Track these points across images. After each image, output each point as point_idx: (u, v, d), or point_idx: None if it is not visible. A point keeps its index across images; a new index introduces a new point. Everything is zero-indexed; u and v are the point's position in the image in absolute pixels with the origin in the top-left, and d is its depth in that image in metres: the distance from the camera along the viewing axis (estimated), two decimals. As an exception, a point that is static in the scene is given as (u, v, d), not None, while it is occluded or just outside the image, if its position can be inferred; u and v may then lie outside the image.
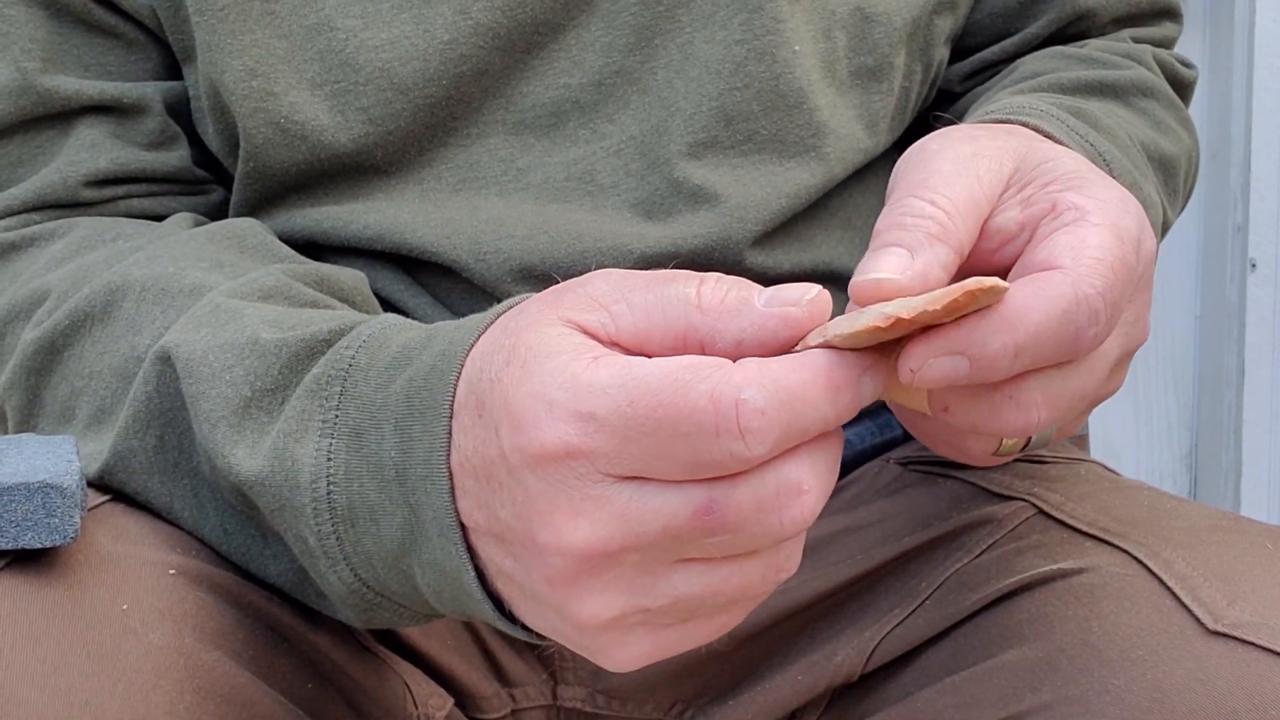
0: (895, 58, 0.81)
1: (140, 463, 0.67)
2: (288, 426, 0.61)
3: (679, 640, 0.55)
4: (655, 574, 0.53)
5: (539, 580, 0.53)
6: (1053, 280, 0.56)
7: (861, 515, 0.79)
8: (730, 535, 0.51)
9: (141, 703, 0.58)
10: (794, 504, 0.51)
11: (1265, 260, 1.44)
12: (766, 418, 0.50)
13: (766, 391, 0.50)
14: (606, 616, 0.53)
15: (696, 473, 0.51)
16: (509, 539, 0.54)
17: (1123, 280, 0.58)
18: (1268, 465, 1.45)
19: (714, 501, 0.51)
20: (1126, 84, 0.81)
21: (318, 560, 0.61)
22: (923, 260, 0.57)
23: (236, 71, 0.76)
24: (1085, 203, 0.59)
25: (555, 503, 0.52)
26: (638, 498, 0.51)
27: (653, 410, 0.50)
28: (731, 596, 0.53)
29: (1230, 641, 0.62)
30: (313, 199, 0.79)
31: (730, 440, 0.50)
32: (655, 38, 0.78)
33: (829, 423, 0.52)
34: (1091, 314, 0.57)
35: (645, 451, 0.51)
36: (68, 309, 0.71)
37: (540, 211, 0.77)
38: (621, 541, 0.51)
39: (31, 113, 0.79)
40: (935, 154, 0.61)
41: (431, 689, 0.76)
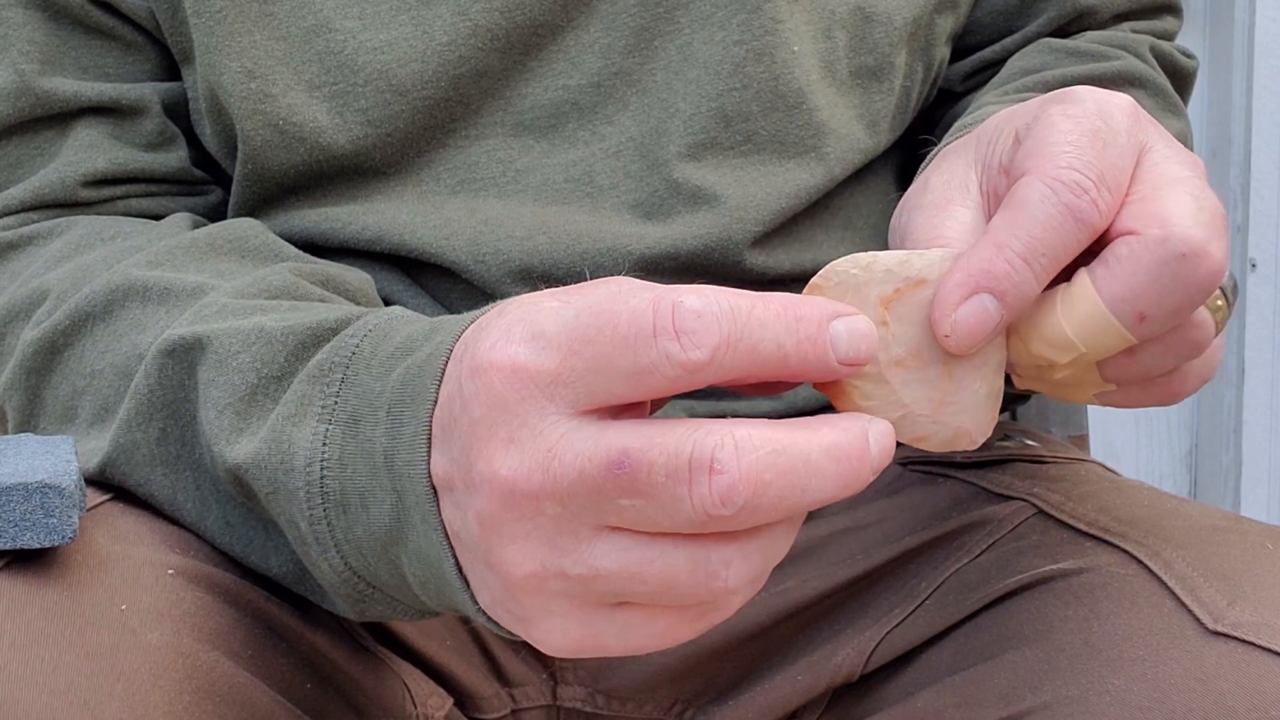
0: (896, 57, 0.81)
1: (143, 455, 0.67)
2: (287, 410, 0.61)
3: (611, 632, 0.52)
4: (577, 535, 0.51)
5: (473, 522, 0.52)
6: (1022, 183, 0.55)
7: (861, 515, 0.79)
8: (640, 501, 0.49)
9: (140, 703, 0.58)
10: (703, 480, 0.48)
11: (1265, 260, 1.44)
12: (703, 320, 0.48)
13: (706, 298, 0.49)
14: (527, 570, 0.51)
15: (638, 384, 0.49)
16: (456, 482, 0.53)
17: (1099, 141, 0.56)
18: (1268, 465, 1.45)
19: (626, 454, 0.49)
20: (1112, 75, 0.81)
21: (310, 547, 0.61)
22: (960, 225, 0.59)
23: (234, 73, 0.76)
24: (1030, 120, 0.58)
25: (494, 428, 0.51)
26: (566, 440, 0.50)
27: (595, 318, 0.49)
28: (654, 588, 0.51)
29: (1230, 641, 0.62)
30: (311, 200, 0.79)
31: (666, 341, 0.48)
32: (654, 39, 0.78)
33: (787, 353, 0.49)
34: (1073, 186, 0.55)
35: (587, 365, 0.49)
36: (68, 309, 0.71)
37: (539, 213, 0.77)
38: (540, 481, 0.50)
39: (30, 114, 0.79)
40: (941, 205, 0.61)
41: (431, 689, 0.76)
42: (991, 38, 0.88)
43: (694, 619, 0.52)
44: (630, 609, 0.52)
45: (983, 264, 0.54)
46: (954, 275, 0.54)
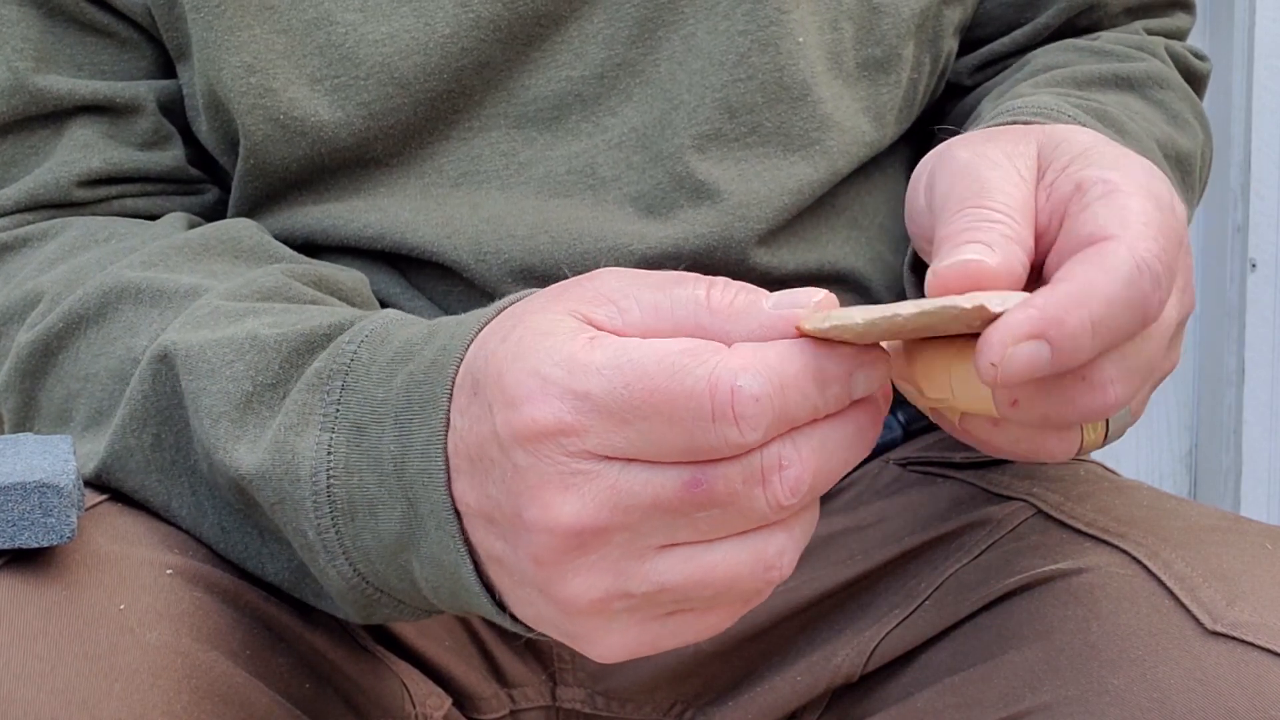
0: (903, 49, 0.80)
1: (137, 461, 0.67)
2: (288, 420, 0.61)
3: (666, 635, 0.54)
4: (642, 557, 0.52)
5: (526, 559, 0.53)
6: (1109, 249, 0.55)
7: (861, 516, 0.79)
8: (719, 510, 0.51)
9: (138, 702, 0.57)
10: (774, 477, 0.51)
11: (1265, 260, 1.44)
12: (760, 405, 0.50)
13: (762, 379, 0.50)
14: (590, 598, 0.53)
15: (690, 456, 0.51)
16: (498, 519, 0.54)
17: (1171, 242, 0.57)
18: (1268, 465, 1.45)
19: (701, 471, 0.51)
20: (1141, 76, 0.81)
21: (317, 555, 0.61)
22: (1003, 252, 0.57)
23: (234, 68, 0.76)
24: (1112, 175, 0.58)
25: (545, 478, 0.52)
26: (627, 474, 0.51)
27: (649, 395, 0.50)
28: (718, 589, 0.53)
29: (1230, 641, 0.62)
30: (313, 195, 0.79)
31: (726, 426, 0.50)
32: (658, 29, 0.77)
33: (817, 412, 0.52)
34: (1154, 277, 0.55)
35: (639, 434, 0.51)
36: (61, 311, 0.71)
37: (541, 208, 0.77)
38: (610, 518, 0.51)
39: (24, 113, 0.79)
40: (972, 163, 0.60)
41: (429, 689, 0.76)
42: (1001, 30, 0.87)
43: (740, 608, 0.55)
44: (684, 614, 0.54)
45: (1059, 313, 0.53)
46: (1027, 311, 0.53)
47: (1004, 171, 0.60)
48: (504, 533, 0.54)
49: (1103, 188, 0.58)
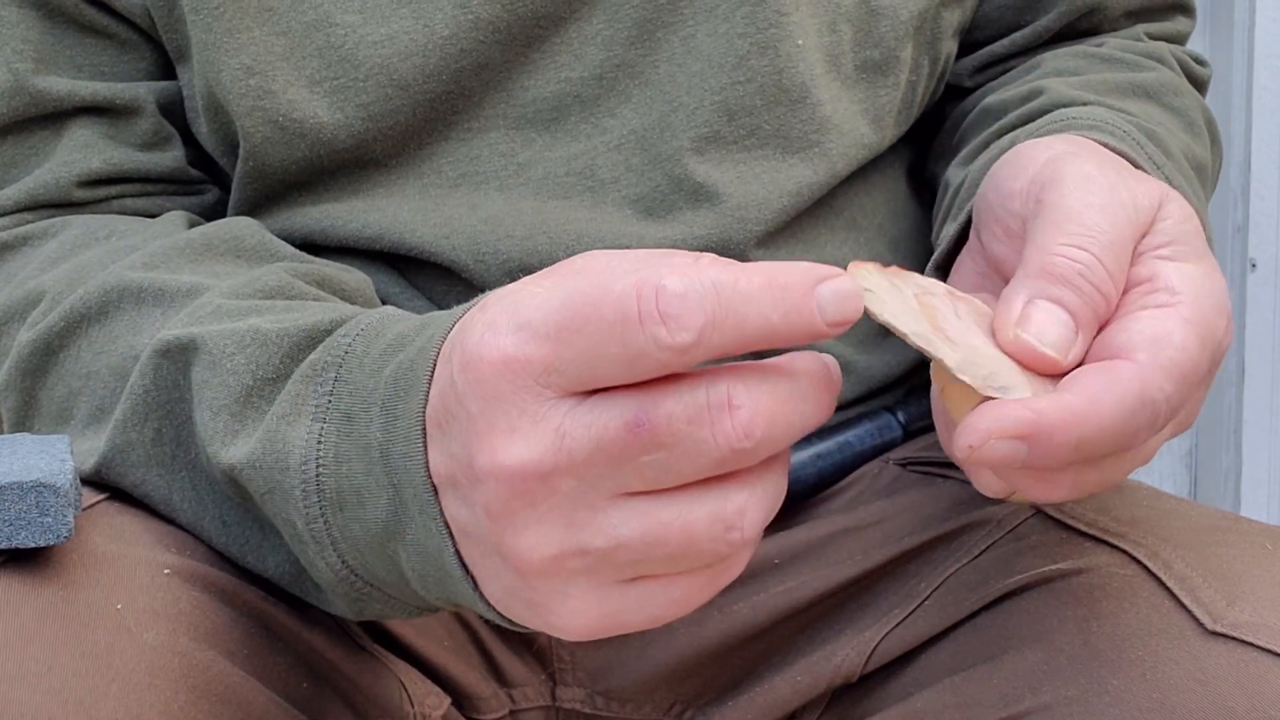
0: (902, 51, 0.80)
1: (138, 455, 0.67)
2: (281, 410, 0.61)
3: (630, 606, 0.53)
4: (594, 506, 0.51)
5: (482, 516, 0.52)
6: (1124, 375, 0.56)
7: (861, 516, 0.79)
8: (664, 453, 0.50)
9: (136, 702, 0.57)
10: (724, 418, 0.49)
11: (1265, 260, 1.44)
12: (687, 302, 0.48)
13: (689, 279, 0.49)
14: (543, 554, 0.51)
15: (631, 369, 0.50)
16: (459, 477, 0.53)
17: (1191, 385, 0.58)
18: (1268, 465, 1.45)
19: (643, 411, 0.49)
20: (1155, 85, 0.80)
21: (306, 546, 0.60)
22: (1083, 341, 0.58)
23: (233, 70, 0.76)
24: (1183, 289, 0.59)
25: (493, 422, 0.51)
26: (572, 416, 0.50)
27: (580, 307, 0.50)
28: (676, 548, 0.51)
29: (1230, 642, 0.62)
30: (312, 196, 0.79)
31: (653, 326, 0.49)
32: (657, 30, 0.77)
33: (774, 326, 0.50)
34: (1152, 417, 0.56)
35: (578, 354, 0.50)
36: (62, 310, 0.71)
37: (539, 209, 0.77)
38: (555, 460, 0.50)
39: (24, 114, 0.79)
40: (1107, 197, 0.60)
41: (428, 688, 0.76)
42: (1000, 32, 0.87)
43: (708, 581, 0.53)
44: (646, 581, 0.52)
45: (1051, 428, 0.54)
46: (1022, 413, 0.54)
47: (1130, 223, 0.60)
48: (465, 493, 0.53)
49: (1165, 298, 0.59)
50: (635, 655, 0.79)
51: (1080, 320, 0.58)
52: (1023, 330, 0.57)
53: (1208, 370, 0.59)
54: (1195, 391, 0.59)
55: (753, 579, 0.78)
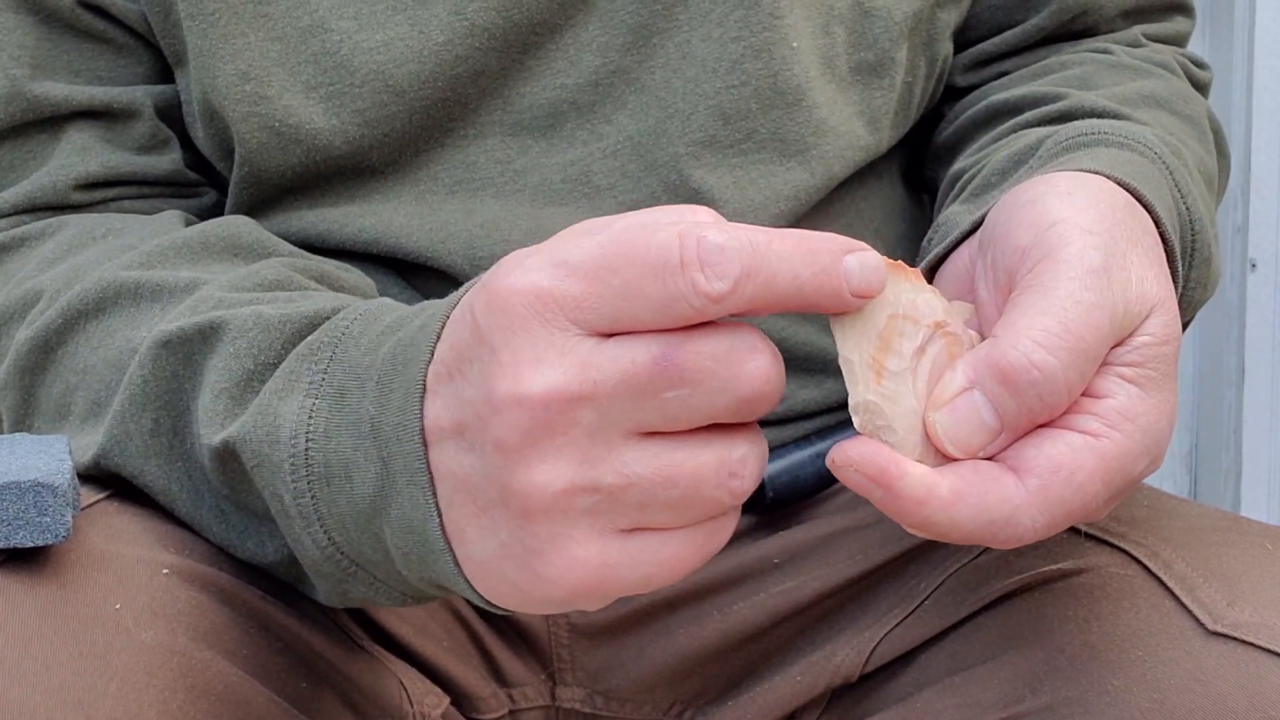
0: (896, 53, 0.80)
1: (136, 447, 0.67)
2: (275, 385, 0.61)
3: (625, 559, 0.53)
4: (610, 443, 0.52)
5: (491, 455, 0.53)
6: (1000, 493, 0.56)
7: (861, 516, 0.79)
8: (688, 389, 0.51)
9: (134, 702, 0.57)
10: (751, 358, 0.52)
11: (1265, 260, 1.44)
12: (726, 254, 0.51)
13: (728, 233, 0.51)
14: (555, 489, 0.52)
15: (663, 312, 0.51)
16: (469, 422, 0.54)
17: (1074, 519, 0.57)
18: (1268, 465, 1.45)
19: (671, 347, 0.51)
20: (1166, 94, 0.80)
21: (293, 522, 0.61)
22: (1004, 442, 0.57)
23: (229, 76, 0.76)
24: (1121, 424, 0.58)
25: (517, 353, 0.52)
26: (599, 349, 0.52)
27: (621, 247, 0.51)
28: (684, 490, 0.52)
29: (1230, 642, 0.62)
30: (309, 201, 0.79)
31: (693, 272, 0.51)
32: (653, 36, 0.77)
33: (803, 283, 0.52)
34: (1013, 537, 0.56)
35: (615, 292, 0.51)
36: (60, 307, 0.71)
37: (536, 215, 0.77)
38: (579, 388, 0.51)
39: (21, 119, 0.79)
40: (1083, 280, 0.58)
41: (427, 687, 0.76)
42: (991, 31, 0.87)
43: (703, 540, 0.54)
44: (644, 534, 0.53)
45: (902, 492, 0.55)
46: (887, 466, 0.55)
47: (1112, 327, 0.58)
48: (474, 435, 0.54)
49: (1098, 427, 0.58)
50: (635, 655, 0.79)
51: (1009, 425, 0.57)
52: (941, 419, 0.56)
53: (1107, 500, 0.58)
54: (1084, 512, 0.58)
55: (753, 579, 0.78)
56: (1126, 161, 0.67)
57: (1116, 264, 0.59)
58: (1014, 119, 0.79)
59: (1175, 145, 0.73)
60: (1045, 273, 0.58)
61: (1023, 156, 0.73)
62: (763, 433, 0.55)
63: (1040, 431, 0.57)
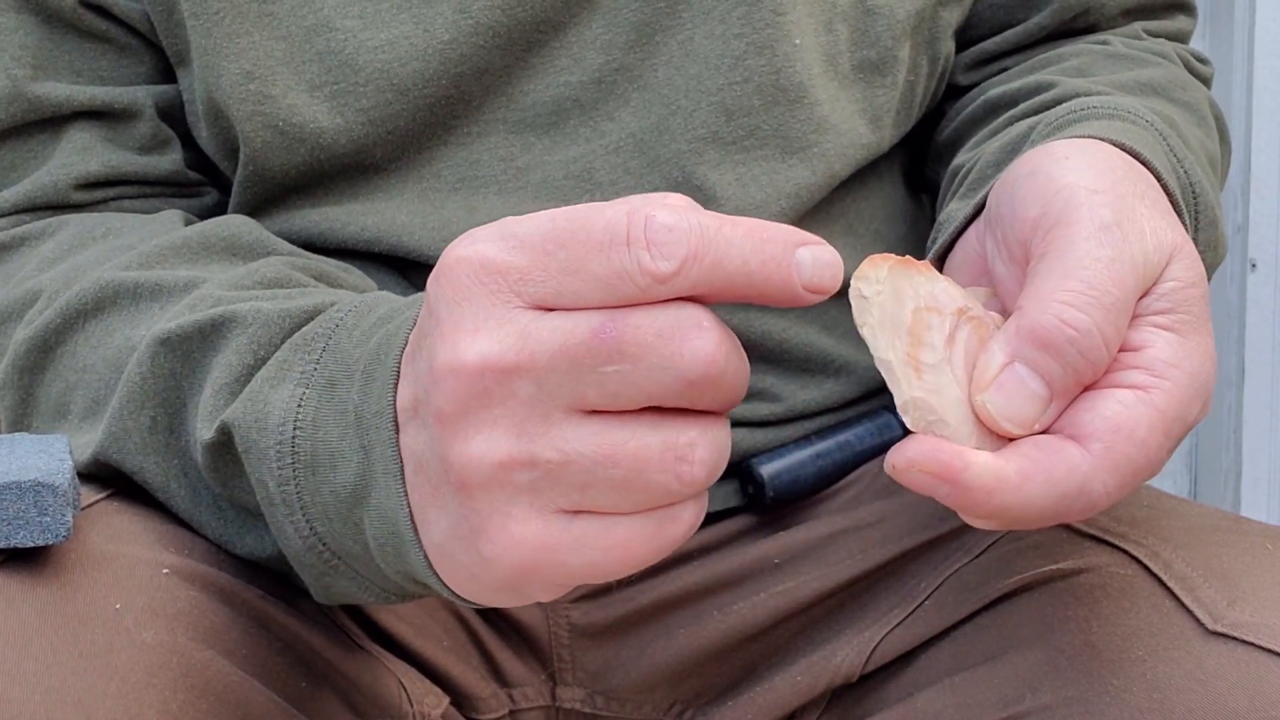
0: (899, 51, 0.80)
1: (134, 443, 0.67)
2: (268, 374, 0.61)
3: (569, 541, 0.52)
4: (548, 418, 0.51)
5: (433, 426, 0.52)
6: (1068, 463, 0.56)
7: (861, 516, 0.79)
8: (628, 364, 0.50)
9: (134, 702, 0.57)
10: (695, 334, 0.50)
11: (1265, 260, 1.44)
12: (674, 234, 0.50)
13: (677, 214, 0.50)
14: (493, 459, 0.51)
15: (608, 289, 0.50)
16: (419, 395, 0.54)
17: (1144, 474, 0.57)
18: (1268, 465, 1.45)
19: (611, 319, 0.50)
20: (1163, 81, 0.80)
21: (277, 509, 0.61)
22: (1056, 410, 0.57)
23: (233, 75, 0.76)
24: (1167, 371, 0.58)
25: (458, 322, 0.51)
26: (539, 320, 0.51)
27: (570, 223, 0.51)
28: (627, 472, 0.51)
29: (1230, 642, 0.62)
30: (312, 199, 0.79)
31: (639, 250, 0.50)
32: (656, 34, 0.77)
33: (751, 271, 0.51)
34: (1088, 506, 0.56)
35: (560, 266, 0.51)
36: (58, 307, 0.71)
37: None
38: (516, 358, 0.50)
39: (22, 119, 0.79)
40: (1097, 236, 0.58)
41: (427, 687, 0.76)
42: (992, 30, 0.87)
43: (654, 530, 0.52)
44: (588, 518, 0.52)
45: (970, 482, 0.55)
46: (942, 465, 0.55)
47: (1136, 279, 0.58)
48: (423, 410, 0.53)
49: (1145, 379, 0.58)
50: (635, 655, 0.79)
51: (1058, 390, 0.57)
52: (990, 399, 0.56)
53: (1170, 451, 0.58)
54: (1148, 468, 0.58)
55: (753, 579, 0.78)
56: (1119, 129, 0.68)
57: (1127, 217, 0.59)
58: (1009, 111, 0.79)
59: (1170, 119, 0.73)
60: (1060, 238, 0.59)
61: (1016, 145, 0.73)
62: (728, 423, 0.53)
63: (1089, 394, 0.57)
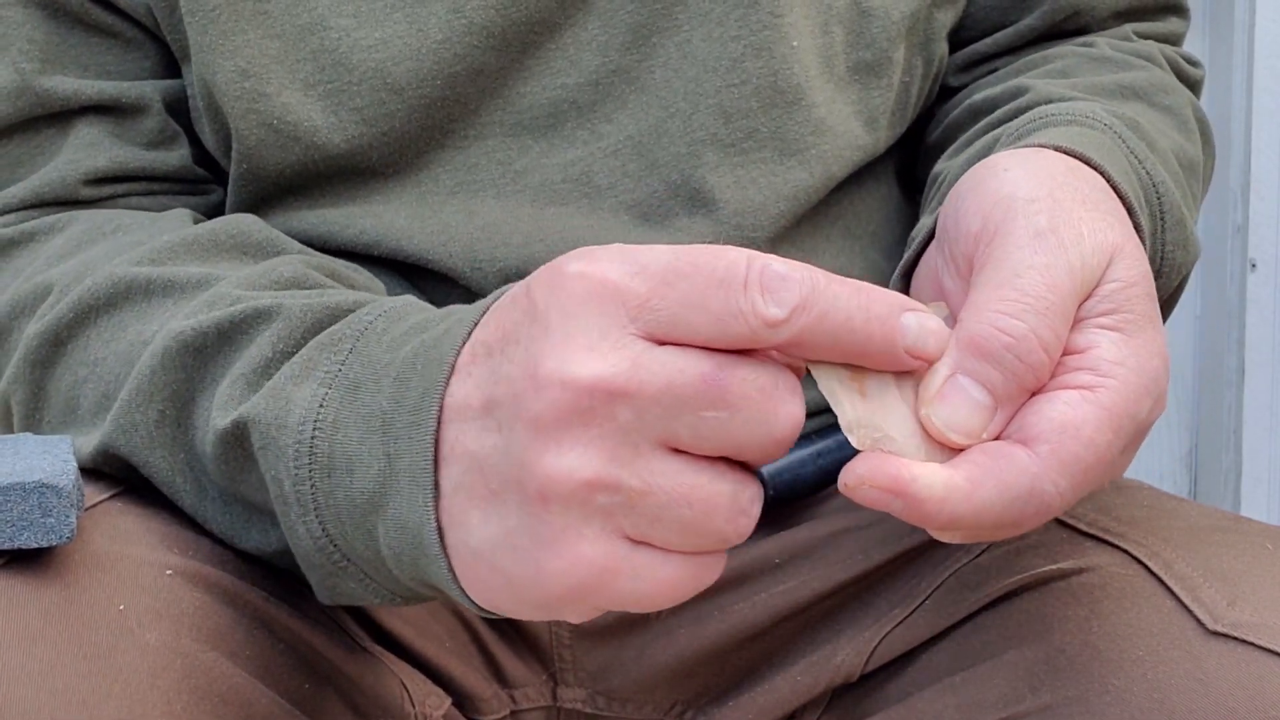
0: (894, 52, 0.80)
1: (142, 437, 0.67)
2: (291, 371, 0.62)
3: (625, 569, 0.53)
4: (639, 448, 0.52)
5: (521, 432, 0.53)
6: (1016, 466, 0.56)
7: (862, 515, 0.79)
8: (727, 413, 0.52)
9: (138, 703, 0.57)
10: (791, 400, 0.53)
11: (1265, 260, 1.44)
12: (787, 283, 0.52)
13: (792, 265, 0.53)
14: (581, 477, 0.52)
15: (721, 327, 0.52)
16: (501, 397, 0.54)
17: (1096, 474, 0.57)
18: (1268, 465, 1.45)
19: (721, 368, 0.52)
20: (1144, 84, 0.80)
21: (290, 508, 0.61)
22: (1002, 419, 0.57)
23: (228, 72, 0.76)
24: (1112, 370, 0.58)
25: (571, 335, 0.52)
26: (651, 352, 0.52)
27: (693, 259, 0.53)
28: (696, 513, 0.53)
29: (1230, 641, 0.62)
30: (308, 201, 0.79)
31: (754, 293, 0.52)
32: (653, 36, 0.77)
33: (855, 328, 0.53)
34: (1042, 508, 0.56)
35: (680, 298, 0.52)
36: (71, 301, 0.71)
37: (536, 216, 0.77)
38: (625, 384, 0.52)
39: (30, 113, 0.79)
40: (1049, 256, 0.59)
41: (429, 688, 0.76)
42: (985, 31, 0.87)
43: (695, 571, 0.54)
44: (648, 550, 0.54)
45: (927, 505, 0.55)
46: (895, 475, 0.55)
47: (1073, 283, 0.59)
48: (503, 415, 0.54)
49: (1090, 379, 0.58)
50: (636, 655, 0.79)
51: (1002, 397, 0.57)
52: (935, 411, 0.56)
53: (1124, 447, 0.58)
54: (1105, 471, 0.58)
55: (753, 579, 0.78)
56: (1071, 135, 0.68)
57: (1064, 222, 0.60)
58: (987, 118, 0.79)
59: (1133, 121, 0.74)
60: (995, 249, 0.60)
61: (982, 156, 0.73)
62: None
63: (1036, 399, 0.58)
